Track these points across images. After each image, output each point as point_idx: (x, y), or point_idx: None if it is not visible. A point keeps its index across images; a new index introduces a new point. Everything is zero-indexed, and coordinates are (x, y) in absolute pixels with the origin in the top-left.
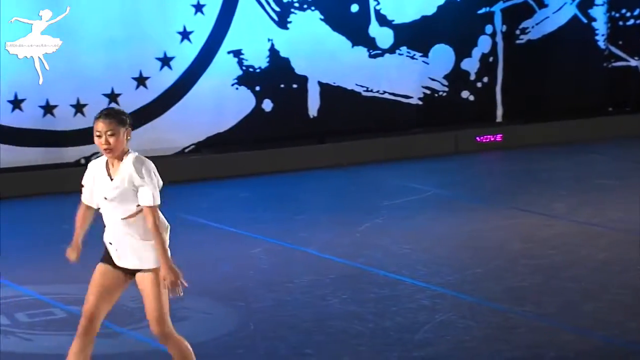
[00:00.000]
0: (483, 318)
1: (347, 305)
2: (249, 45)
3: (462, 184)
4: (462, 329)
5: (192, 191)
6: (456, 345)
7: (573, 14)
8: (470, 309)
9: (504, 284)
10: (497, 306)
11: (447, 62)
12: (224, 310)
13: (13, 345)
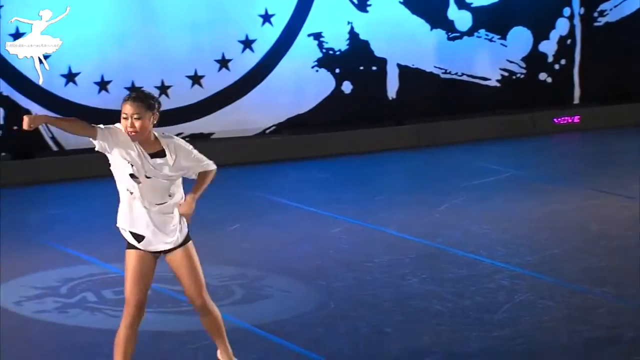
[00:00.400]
0: (562, 299)
1: (426, 285)
2: (329, 28)
3: (539, 165)
4: (541, 309)
5: (273, 171)
6: (535, 326)
7: None
8: (549, 290)
9: (582, 264)
10: (576, 287)
11: (525, 44)
12: (305, 289)
13: (100, 321)
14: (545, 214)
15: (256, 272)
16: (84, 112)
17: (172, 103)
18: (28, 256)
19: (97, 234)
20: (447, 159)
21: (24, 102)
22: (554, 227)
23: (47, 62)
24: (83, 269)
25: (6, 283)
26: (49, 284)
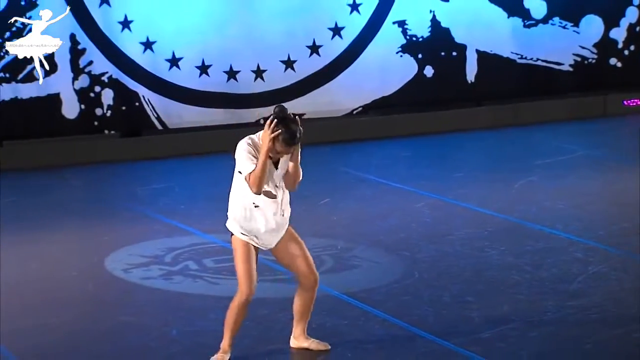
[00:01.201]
0: (634, 270)
1: (504, 257)
2: (413, 16)
3: (610, 145)
4: (614, 280)
5: (360, 150)
6: (609, 296)
7: None
8: (621, 262)
9: None
10: None
11: (597, 31)
12: (391, 259)
13: (201, 288)
14: (615, 190)
15: (345, 243)
16: (186, 93)
17: (267, 86)
18: (135, 227)
19: (198, 206)
20: (522, 139)
21: (131, 85)
22: (624, 203)
23: (154, 49)
24: (185, 240)
25: (115, 252)
26: (154, 253)
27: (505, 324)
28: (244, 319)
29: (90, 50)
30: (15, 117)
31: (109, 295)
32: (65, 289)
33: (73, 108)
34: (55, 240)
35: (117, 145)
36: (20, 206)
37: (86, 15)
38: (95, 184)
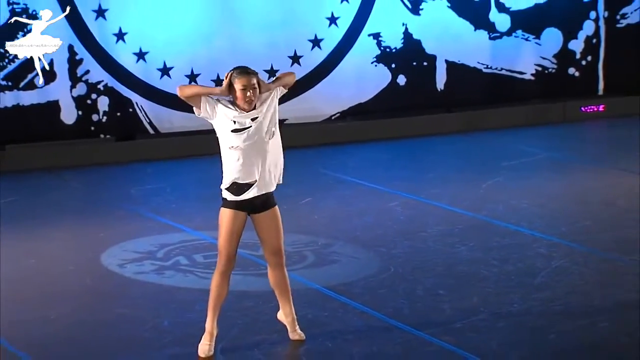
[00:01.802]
0: (595, 265)
1: (473, 253)
2: (387, 29)
3: (570, 148)
4: (576, 274)
5: (338, 153)
6: (571, 289)
7: None
8: (583, 257)
9: (611, 235)
10: (607, 255)
11: (556, 43)
12: (368, 255)
13: (191, 282)
14: (577, 190)
15: (325, 240)
16: (176, 100)
17: None
18: (129, 225)
19: (188, 205)
20: (488, 142)
21: (125, 92)
22: (585, 202)
23: (146, 59)
24: (176, 236)
25: (110, 248)
26: (147, 249)
27: (475, 315)
28: (224, 297)
29: (87, 60)
30: (16, 122)
31: (104, 288)
32: (63, 283)
33: (71, 114)
34: (54, 237)
35: (112, 149)
36: (20, 206)
37: (83, 27)
38: (92, 185)
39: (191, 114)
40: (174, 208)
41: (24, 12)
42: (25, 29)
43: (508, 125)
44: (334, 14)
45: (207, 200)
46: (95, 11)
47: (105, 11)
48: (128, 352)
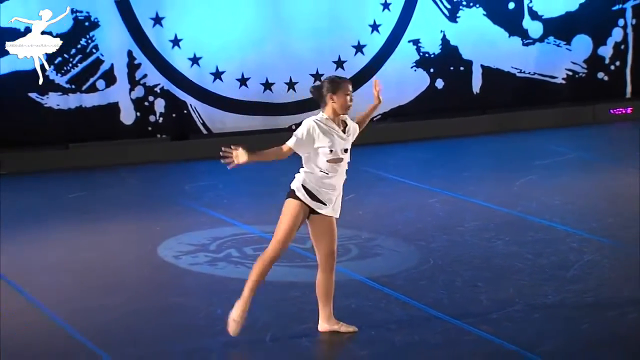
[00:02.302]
0: (624, 259)
1: (509, 247)
2: (425, 36)
3: (599, 148)
4: (606, 267)
5: (379, 152)
6: (602, 282)
7: None
8: (613, 251)
9: (637, 230)
10: (635, 249)
11: (586, 49)
12: (409, 248)
13: (242, 273)
14: (604, 188)
15: (368, 234)
16: (227, 102)
17: (298, 96)
18: (184, 219)
19: (239, 201)
20: (522, 142)
21: (180, 95)
22: (612, 199)
23: (200, 63)
24: (228, 230)
25: (166, 241)
26: (200, 242)
27: (511, 306)
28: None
29: (144, 65)
30: (79, 123)
31: (161, 279)
32: (122, 274)
33: (130, 115)
34: (114, 230)
35: (167, 148)
36: (83, 201)
37: (141, 34)
38: (149, 181)
39: (242, 115)
40: (225, 203)
41: (87, 20)
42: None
43: (540, 126)
44: (376, 21)
45: (257, 196)
46: (152, 19)
47: (162, 19)
48: (183, 339)
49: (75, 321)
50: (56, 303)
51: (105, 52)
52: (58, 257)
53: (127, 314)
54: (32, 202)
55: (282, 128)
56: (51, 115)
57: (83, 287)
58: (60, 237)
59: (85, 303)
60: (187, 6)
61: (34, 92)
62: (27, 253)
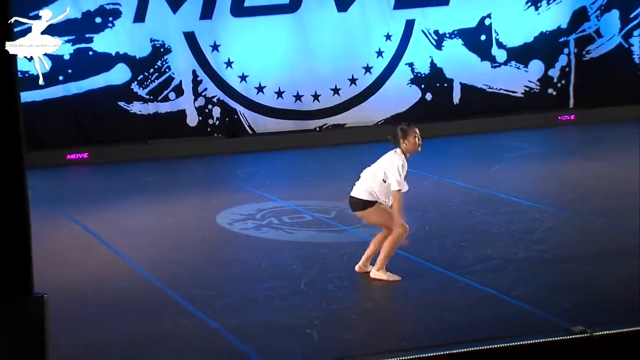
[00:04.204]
0: (576, 225)
1: (486, 217)
2: (418, 60)
3: (551, 145)
4: (563, 232)
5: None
6: (560, 243)
7: (619, 41)
8: (567, 220)
9: (586, 204)
10: (585, 218)
11: (539, 71)
12: (409, 218)
13: (281, 236)
14: (558, 173)
15: None
16: (268, 110)
17: (322, 105)
18: (235, 196)
19: (278, 183)
20: (493, 141)
21: (232, 104)
22: (564, 181)
23: (247, 80)
24: (270, 204)
25: (222, 212)
26: (248, 212)
27: (490, 261)
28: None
29: (205, 81)
30: (156, 124)
31: (218, 240)
32: (190, 235)
33: (194, 119)
34: (183, 204)
35: (223, 143)
36: (159, 183)
37: (203, 58)
38: (209, 168)
39: (278, 119)
40: (267, 184)
41: (162, 47)
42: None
43: (505, 129)
44: (380, 48)
45: (291, 179)
46: (211, 46)
47: (219, 46)
48: (237, 285)
49: (154, 271)
50: (139, 258)
51: (176, 71)
52: (141, 224)
53: (193, 266)
54: (121, 183)
55: (308, 129)
56: (135, 119)
57: (160, 245)
58: (142, 209)
59: (162, 257)
60: (237, 37)
61: (122, 102)
62: (117, 221)
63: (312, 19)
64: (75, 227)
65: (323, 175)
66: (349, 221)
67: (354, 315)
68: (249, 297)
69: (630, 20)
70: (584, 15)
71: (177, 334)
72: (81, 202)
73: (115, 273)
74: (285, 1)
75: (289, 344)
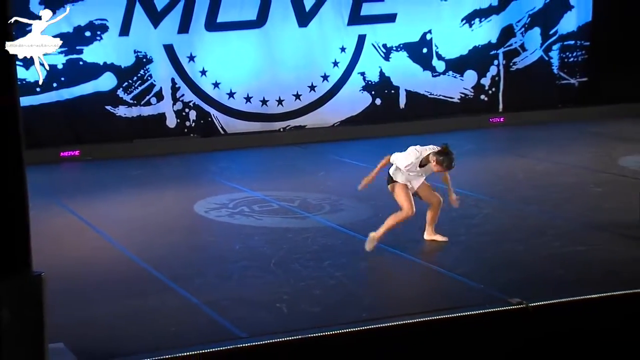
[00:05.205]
0: (507, 212)
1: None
2: (369, 70)
3: (484, 144)
4: (498, 217)
5: (339, 146)
6: (496, 227)
7: (540, 54)
8: (500, 207)
9: (516, 194)
10: (514, 205)
11: (473, 79)
12: (364, 206)
13: (252, 222)
14: (491, 167)
15: (336, 196)
16: (237, 113)
17: (285, 109)
18: (210, 187)
19: (248, 176)
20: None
21: (206, 108)
22: (497, 174)
23: (219, 87)
24: (241, 194)
25: (199, 201)
26: (222, 202)
27: (436, 243)
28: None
29: (182, 88)
30: (139, 126)
31: (196, 226)
32: (171, 223)
33: (173, 121)
34: (164, 194)
35: (199, 143)
36: (143, 178)
37: (181, 67)
38: (187, 164)
39: (247, 122)
40: (238, 178)
41: (144, 58)
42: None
43: (445, 130)
44: (336, 59)
45: (259, 173)
46: (188, 57)
47: (195, 57)
48: (214, 264)
49: (140, 254)
50: (127, 242)
51: (157, 79)
52: (127, 213)
53: (174, 248)
54: (109, 177)
55: (273, 130)
56: (120, 121)
57: (145, 231)
58: (128, 199)
59: (147, 241)
60: (211, 49)
61: (109, 106)
62: (106, 210)
63: (276, 34)
64: (68, 216)
65: (287, 169)
66: (312, 209)
67: (318, 290)
68: (224, 275)
69: (550, 36)
70: (511, 31)
71: (162, 309)
72: (74, 194)
73: (105, 256)
74: (253, 17)
75: (261, 317)
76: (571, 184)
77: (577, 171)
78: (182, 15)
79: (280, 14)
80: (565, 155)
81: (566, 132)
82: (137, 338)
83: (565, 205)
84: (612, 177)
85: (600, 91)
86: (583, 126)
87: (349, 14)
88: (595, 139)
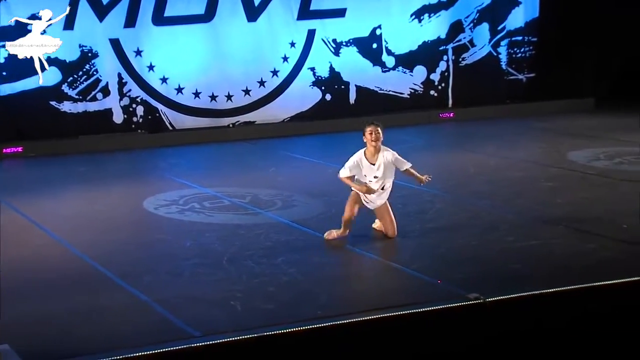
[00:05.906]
0: (460, 206)
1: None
2: (319, 65)
3: (434, 138)
4: (450, 212)
5: (289, 141)
6: (450, 222)
7: (489, 50)
8: (449, 201)
9: (468, 189)
10: (467, 200)
11: (423, 75)
12: (316, 201)
13: (202, 219)
14: (442, 162)
15: (288, 192)
16: (186, 109)
17: (234, 104)
18: (160, 184)
19: (198, 172)
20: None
21: (154, 103)
22: (449, 169)
23: (167, 82)
24: (191, 191)
25: (148, 198)
26: (172, 199)
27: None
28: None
29: (129, 83)
30: (85, 121)
31: (146, 223)
32: (119, 220)
33: (119, 117)
34: (112, 192)
35: (146, 139)
36: (89, 174)
37: (127, 62)
38: (135, 160)
39: (196, 117)
40: (187, 174)
41: (90, 52)
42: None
43: (395, 125)
44: (286, 54)
45: (209, 169)
46: (135, 51)
47: (142, 52)
48: (164, 262)
49: (88, 251)
50: (73, 240)
51: (103, 74)
52: (73, 210)
53: (123, 245)
54: (54, 174)
55: (223, 125)
56: (65, 117)
57: (92, 229)
58: (74, 196)
59: (94, 239)
60: (158, 43)
61: (53, 101)
62: (51, 207)
63: (225, 28)
64: (12, 214)
65: (237, 165)
66: (263, 205)
67: (272, 287)
68: (175, 272)
69: (498, 32)
70: (460, 27)
71: (112, 307)
72: (17, 191)
73: (51, 254)
74: (201, 12)
75: (215, 315)
76: (522, 178)
77: (527, 166)
78: (128, 8)
79: (229, 8)
80: (515, 150)
81: (515, 128)
82: (87, 338)
83: (517, 199)
84: (562, 172)
85: (547, 87)
86: (531, 122)
87: (298, 9)
88: (543, 134)
